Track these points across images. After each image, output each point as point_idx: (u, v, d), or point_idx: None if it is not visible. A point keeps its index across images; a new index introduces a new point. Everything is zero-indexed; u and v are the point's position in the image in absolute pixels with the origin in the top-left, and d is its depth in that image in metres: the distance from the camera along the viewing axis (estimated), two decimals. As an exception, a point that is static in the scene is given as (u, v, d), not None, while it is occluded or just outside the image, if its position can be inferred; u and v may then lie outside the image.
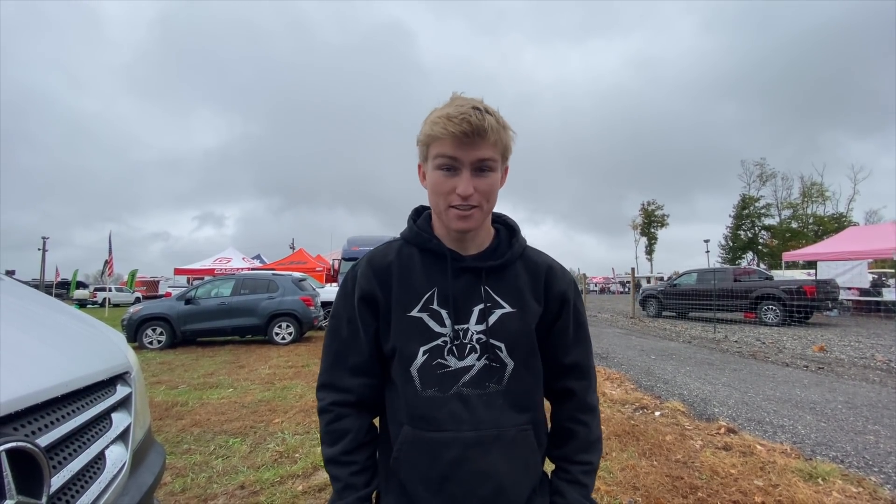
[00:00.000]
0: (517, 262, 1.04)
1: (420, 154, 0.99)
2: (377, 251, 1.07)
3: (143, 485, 1.30)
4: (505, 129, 0.94)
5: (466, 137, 0.88)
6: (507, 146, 0.96)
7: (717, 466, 3.24)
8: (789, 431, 4.13)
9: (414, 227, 1.06)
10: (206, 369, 7.39)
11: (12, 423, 0.87)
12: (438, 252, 1.01)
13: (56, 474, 0.93)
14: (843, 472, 3.16)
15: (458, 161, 0.90)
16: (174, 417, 4.61)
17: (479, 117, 0.88)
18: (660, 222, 68.17)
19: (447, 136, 0.89)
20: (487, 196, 0.94)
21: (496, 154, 0.93)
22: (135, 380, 1.46)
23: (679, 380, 6.27)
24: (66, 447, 1.02)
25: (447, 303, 0.97)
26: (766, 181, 53.68)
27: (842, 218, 47.05)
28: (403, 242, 1.07)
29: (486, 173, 0.92)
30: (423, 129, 0.94)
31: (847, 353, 8.44)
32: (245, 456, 3.56)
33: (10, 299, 1.38)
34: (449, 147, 0.90)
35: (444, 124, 0.89)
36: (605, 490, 2.91)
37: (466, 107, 0.89)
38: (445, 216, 0.95)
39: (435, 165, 0.93)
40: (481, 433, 0.93)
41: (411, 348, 0.96)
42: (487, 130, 0.89)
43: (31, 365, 1.04)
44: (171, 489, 2.98)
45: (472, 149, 0.90)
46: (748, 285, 14.31)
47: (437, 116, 0.91)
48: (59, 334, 1.33)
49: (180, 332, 10.15)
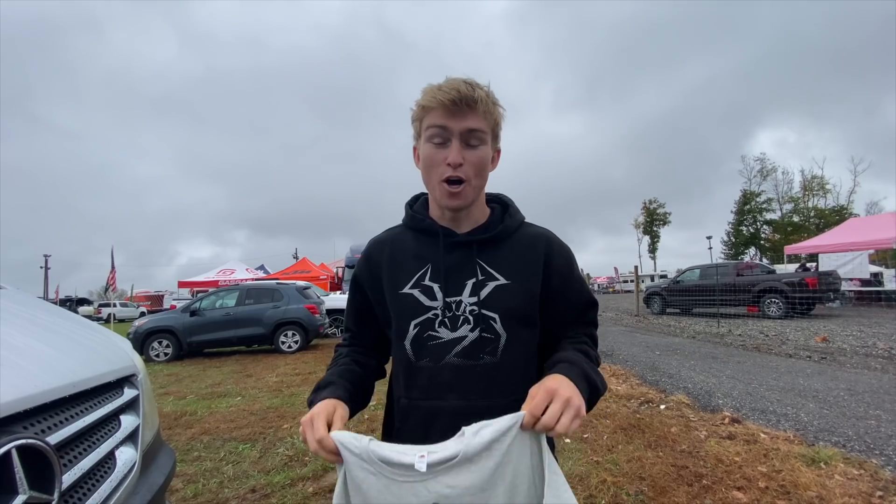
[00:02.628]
0: (514, 235, 1.05)
1: (414, 132, 1.03)
2: (376, 237, 1.15)
3: (154, 485, 1.34)
4: (495, 105, 0.97)
5: (455, 105, 0.92)
6: (497, 122, 0.99)
7: (721, 455, 3.27)
8: (792, 419, 4.15)
9: (409, 211, 1.10)
10: (213, 379, 7.43)
11: (22, 422, 0.91)
12: (431, 231, 1.04)
13: (67, 472, 0.96)
14: (846, 456, 3.19)
15: (448, 130, 0.93)
16: (183, 426, 4.65)
17: (468, 89, 0.92)
18: (662, 220, 68.17)
19: (437, 104, 0.93)
20: (478, 169, 0.96)
21: (486, 126, 0.96)
22: (141, 382, 1.49)
23: (684, 374, 6.29)
24: (77, 446, 1.05)
25: (439, 276, 1.00)
26: (767, 176, 53.70)
27: (843, 210, 46.96)
28: (401, 227, 1.12)
29: (477, 146, 0.95)
30: (417, 102, 0.98)
31: (849, 342, 8.44)
32: (255, 461, 3.60)
33: (16, 306, 1.42)
34: (439, 116, 0.94)
35: (434, 94, 0.93)
36: (612, 481, 2.94)
37: (459, 80, 0.94)
38: (438, 192, 0.98)
39: (426, 137, 0.96)
40: (471, 403, 0.94)
41: (404, 324, 1.00)
42: (477, 101, 0.92)
43: (38, 366, 1.07)
44: (184, 495, 3.03)
45: (461, 118, 0.93)
46: (751, 279, 14.30)
47: (428, 88, 0.96)
48: (65, 338, 1.36)
49: (186, 343, 10.21)
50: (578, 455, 3.43)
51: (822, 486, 2.74)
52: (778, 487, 2.77)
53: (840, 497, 2.62)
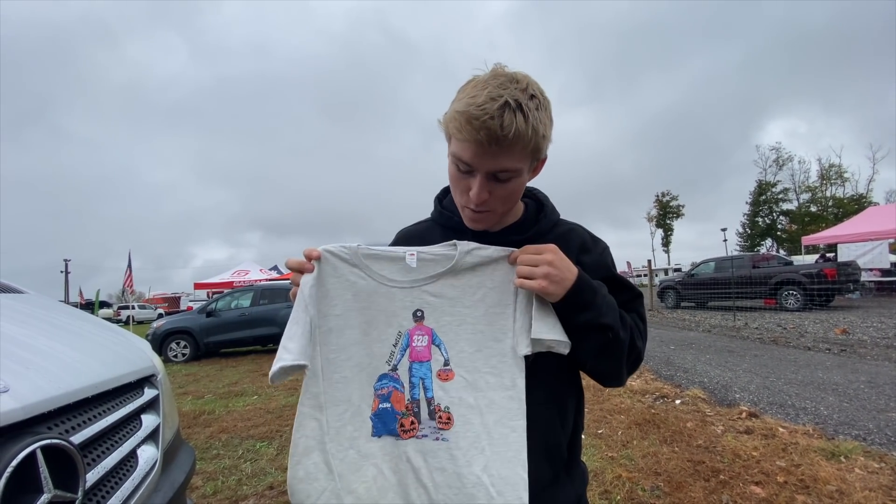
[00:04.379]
0: (548, 236, 0.96)
1: (444, 132, 0.88)
2: (405, 230, 1.11)
3: (175, 482, 1.36)
4: (536, 131, 0.78)
5: (483, 147, 0.77)
6: (539, 147, 0.82)
7: (738, 450, 3.25)
8: (811, 413, 4.10)
9: (438, 207, 1.05)
10: (230, 379, 7.53)
11: (46, 423, 0.93)
12: (460, 230, 0.96)
13: (90, 471, 0.98)
14: (866, 450, 3.15)
15: (473, 167, 0.81)
16: (202, 425, 4.73)
17: (504, 124, 0.74)
18: (675, 213, 67.38)
19: (463, 140, 0.79)
20: (504, 201, 0.87)
21: (521, 163, 0.81)
22: (161, 382, 1.52)
23: (699, 368, 6.23)
24: (99, 445, 1.08)
25: None
26: (783, 166, 52.75)
27: (862, 199, 45.99)
28: (430, 222, 1.07)
29: (506, 182, 0.83)
30: (447, 114, 0.83)
31: (869, 333, 8.30)
32: (272, 458, 3.65)
33: (38, 310, 1.46)
34: (465, 152, 0.80)
35: (462, 126, 0.77)
36: (627, 476, 2.93)
37: (495, 104, 0.74)
38: (460, 210, 0.93)
39: (450, 159, 0.86)
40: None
41: None
42: (511, 139, 0.75)
43: (61, 368, 1.09)
44: (204, 492, 3.08)
45: (490, 158, 0.79)
46: (767, 271, 14.10)
47: (459, 109, 0.77)
48: (87, 340, 1.39)
49: (203, 344, 10.35)
50: (593, 451, 3.42)
51: (842, 480, 2.71)
52: (797, 482, 2.74)
53: (860, 491, 2.58)
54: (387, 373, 0.86)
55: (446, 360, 0.85)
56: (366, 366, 0.86)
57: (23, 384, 0.92)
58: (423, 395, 0.85)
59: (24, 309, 1.42)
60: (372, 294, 0.87)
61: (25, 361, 1.03)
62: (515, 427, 0.82)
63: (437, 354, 0.86)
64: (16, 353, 1.05)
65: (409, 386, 0.85)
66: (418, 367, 0.86)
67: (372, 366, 0.86)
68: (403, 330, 0.86)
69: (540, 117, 0.79)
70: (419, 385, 0.85)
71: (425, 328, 0.87)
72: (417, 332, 0.86)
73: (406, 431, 0.83)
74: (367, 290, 0.87)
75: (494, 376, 0.84)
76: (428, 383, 0.85)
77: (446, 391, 0.84)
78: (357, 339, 0.86)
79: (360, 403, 0.84)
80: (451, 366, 0.85)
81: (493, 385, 0.84)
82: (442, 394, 0.84)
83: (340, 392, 0.84)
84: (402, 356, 0.86)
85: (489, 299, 0.86)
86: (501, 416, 0.83)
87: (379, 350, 0.86)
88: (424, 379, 0.85)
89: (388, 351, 0.86)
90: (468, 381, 0.85)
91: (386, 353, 0.86)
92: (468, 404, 0.84)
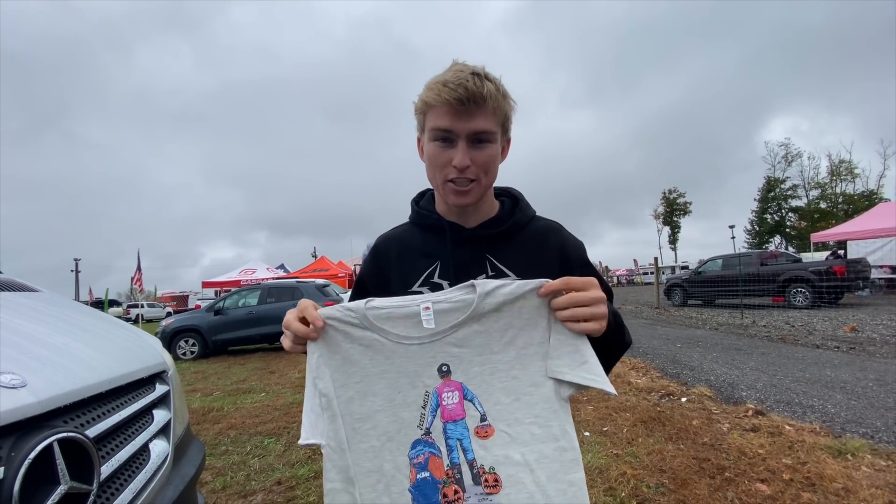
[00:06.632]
0: (525, 231, 1.01)
1: (417, 124, 0.97)
2: (383, 235, 1.12)
3: (186, 476, 1.40)
4: (505, 98, 0.90)
5: (462, 105, 0.85)
6: (508, 116, 0.93)
7: (744, 447, 3.24)
8: (819, 411, 4.08)
9: (415, 208, 1.08)
10: (238, 376, 7.59)
11: (62, 417, 0.96)
12: (438, 226, 1.00)
13: (105, 463, 1.01)
14: (873, 448, 3.14)
15: (454, 133, 0.87)
16: (211, 422, 4.79)
17: (477, 83, 0.84)
18: (682, 210, 66.94)
19: (442, 103, 0.86)
20: (486, 168, 0.91)
21: (495, 125, 0.89)
22: (172, 379, 1.55)
23: (706, 366, 6.21)
24: (113, 439, 1.11)
25: (448, 273, 0.97)
26: (792, 162, 52.17)
27: (872, 195, 45.38)
28: (409, 224, 1.10)
29: (485, 145, 0.89)
30: (420, 95, 0.92)
31: (879, 331, 8.23)
32: (280, 454, 3.70)
33: (53, 308, 1.49)
34: (444, 117, 0.87)
35: (440, 90, 0.85)
36: (632, 474, 2.94)
37: (465, 73, 0.85)
38: (443, 190, 0.94)
39: (430, 137, 0.91)
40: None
41: None
42: (486, 98, 0.85)
43: (76, 364, 1.12)
44: (213, 487, 3.12)
45: (468, 119, 0.86)
46: (775, 269, 13.99)
47: (433, 82, 0.88)
48: (100, 337, 1.42)
49: (211, 342, 10.43)
50: (598, 448, 3.43)
51: (848, 478, 2.70)
52: (803, 479, 2.74)
53: (867, 489, 2.58)
54: (420, 438, 0.77)
55: (482, 415, 0.77)
56: (394, 433, 0.78)
57: (39, 379, 0.95)
58: (462, 457, 0.76)
59: (39, 307, 1.45)
60: (391, 355, 0.79)
61: (41, 357, 1.06)
62: (574, 481, 0.75)
63: (471, 410, 0.78)
64: (32, 349, 1.08)
65: (447, 449, 0.77)
66: (453, 428, 0.77)
67: (402, 433, 0.78)
68: (430, 389, 0.78)
69: (504, 91, 0.90)
70: (457, 447, 0.77)
71: (454, 383, 0.79)
72: (446, 389, 0.78)
73: (451, 503, 0.75)
74: (384, 352, 0.79)
75: (540, 427, 0.77)
76: (466, 444, 0.77)
77: (488, 450, 0.76)
78: (382, 406, 0.78)
79: (394, 474, 0.76)
80: (489, 420, 0.77)
81: (539, 437, 0.76)
82: (484, 453, 0.76)
83: (370, 462, 0.77)
84: (433, 418, 0.78)
85: (519, 341, 0.79)
86: (556, 470, 0.75)
87: (408, 415, 0.78)
88: (462, 440, 0.77)
89: (417, 414, 0.78)
90: (511, 436, 0.76)
91: (416, 417, 0.78)
92: (515, 461, 0.75)
